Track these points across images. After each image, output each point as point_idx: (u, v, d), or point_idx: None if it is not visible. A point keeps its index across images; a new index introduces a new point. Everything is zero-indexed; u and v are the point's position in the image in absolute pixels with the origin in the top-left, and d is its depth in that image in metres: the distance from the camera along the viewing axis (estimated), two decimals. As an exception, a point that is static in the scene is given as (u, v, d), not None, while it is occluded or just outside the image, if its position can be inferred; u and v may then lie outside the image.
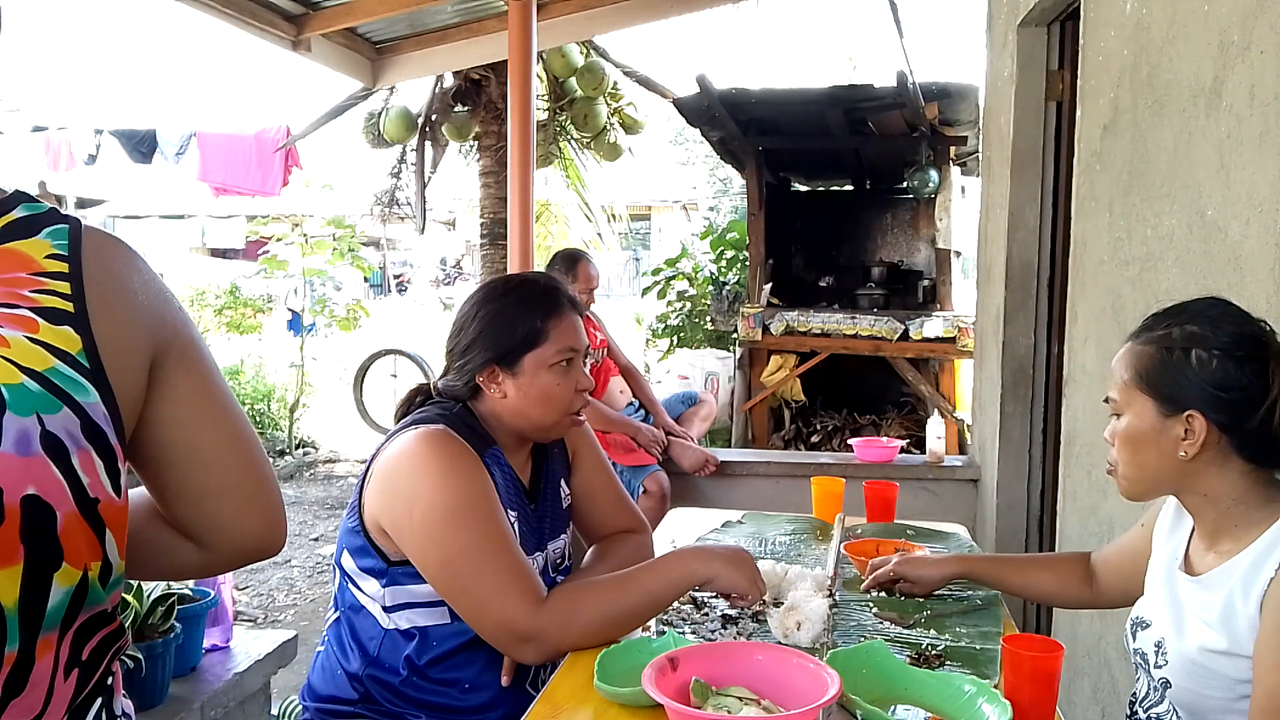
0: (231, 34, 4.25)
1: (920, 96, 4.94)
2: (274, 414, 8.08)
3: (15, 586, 0.76)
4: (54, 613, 0.80)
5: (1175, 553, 1.34)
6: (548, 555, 1.63)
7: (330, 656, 1.54)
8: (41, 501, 0.77)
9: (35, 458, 0.77)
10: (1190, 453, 1.21)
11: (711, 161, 16.12)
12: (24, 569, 0.77)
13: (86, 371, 0.81)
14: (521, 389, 1.54)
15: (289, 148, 7.34)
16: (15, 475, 0.75)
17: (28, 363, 0.78)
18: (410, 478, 1.43)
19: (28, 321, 0.79)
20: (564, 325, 1.56)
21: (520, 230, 3.89)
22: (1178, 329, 1.24)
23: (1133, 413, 1.26)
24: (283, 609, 4.34)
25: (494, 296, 1.58)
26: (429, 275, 20.31)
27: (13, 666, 0.77)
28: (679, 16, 4.79)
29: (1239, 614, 1.17)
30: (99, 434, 0.81)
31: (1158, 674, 1.28)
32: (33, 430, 0.77)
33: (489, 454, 1.53)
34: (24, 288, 0.81)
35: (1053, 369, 3.24)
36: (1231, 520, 1.24)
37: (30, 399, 0.77)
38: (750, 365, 5.70)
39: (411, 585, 1.47)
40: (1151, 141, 2.00)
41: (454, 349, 1.58)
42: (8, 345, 0.77)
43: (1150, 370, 1.24)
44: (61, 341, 0.80)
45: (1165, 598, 1.31)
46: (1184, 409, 1.21)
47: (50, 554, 0.78)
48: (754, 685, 1.20)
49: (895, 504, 2.18)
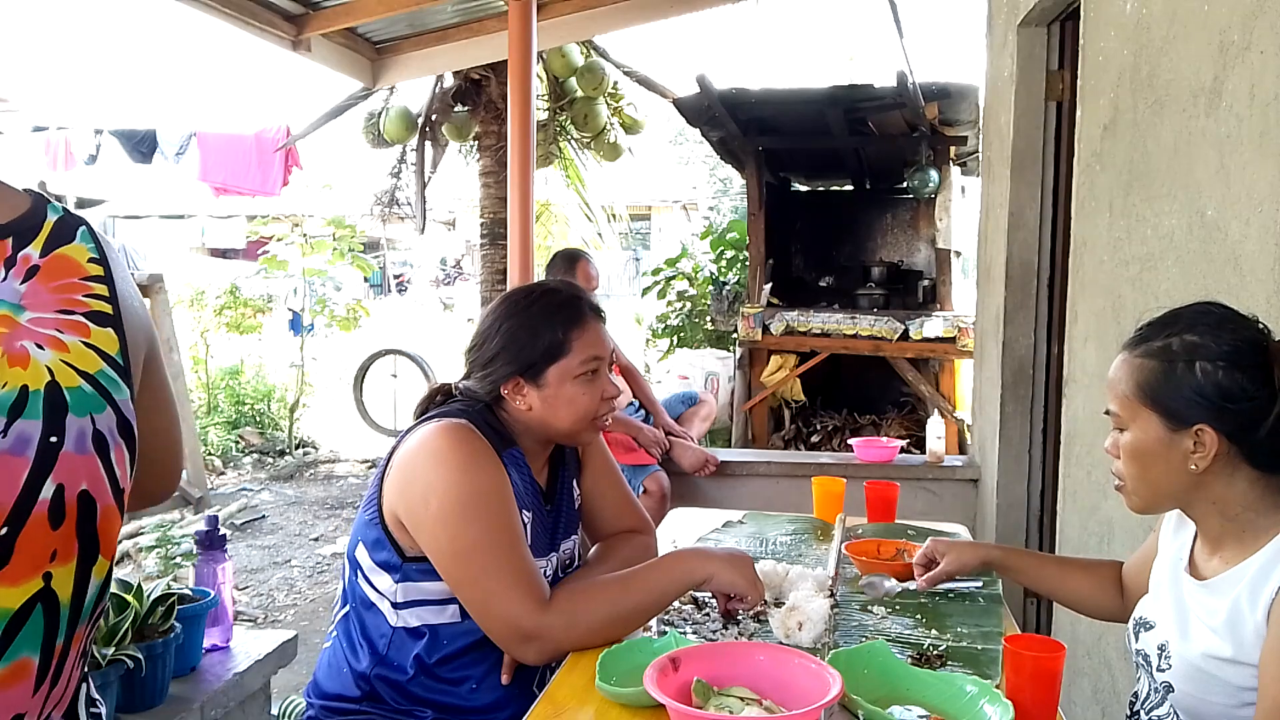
0: (231, 34, 4.25)
1: (920, 96, 4.94)
2: (274, 414, 8.08)
3: (70, 581, 0.83)
4: (89, 606, 0.85)
5: (1180, 554, 1.33)
6: (559, 556, 1.64)
7: (337, 653, 1.54)
8: (89, 496, 0.83)
9: (88, 455, 0.83)
10: (1201, 466, 1.19)
11: (711, 161, 16.11)
12: (76, 564, 0.83)
13: (121, 370, 0.87)
14: (546, 400, 1.53)
15: (289, 148, 7.35)
16: (76, 473, 0.81)
17: (84, 366, 0.84)
18: (428, 469, 1.43)
19: (81, 327, 0.85)
20: (588, 335, 1.55)
21: (520, 230, 3.89)
22: (1177, 339, 1.21)
23: (1138, 428, 1.23)
24: (283, 609, 4.34)
25: (517, 308, 1.57)
26: (429, 275, 20.30)
27: (57, 659, 0.82)
28: (679, 16, 4.79)
29: (1245, 621, 1.16)
30: (128, 429, 0.87)
31: (1160, 677, 1.27)
32: (86, 429, 0.83)
33: (508, 454, 1.53)
34: (77, 293, 0.86)
35: (1053, 369, 3.24)
36: (1238, 526, 1.22)
37: (86, 401, 0.83)
38: (750, 365, 5.70)
39: (424, 582, 1.47)
40: (1151, 141, 2.00)
41: (476, 360, 1.58)
42: (67, 350, 0.83)
43: (1153, 384, 1.21)
44: (106, 344, 0.86)
45: (1170, 601, 1.30)
46: (1192, 423, 1.18)
47: (92, 548, 0.84)
48: (755, 685, 1.20)
49: (896, 504, 2.18)
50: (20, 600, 0.78)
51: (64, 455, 0.80)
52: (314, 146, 7.90)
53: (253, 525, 5.65)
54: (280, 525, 5.70)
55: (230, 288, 8.71)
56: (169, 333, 5.70)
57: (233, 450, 7.39)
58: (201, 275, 9.79)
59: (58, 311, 0.84)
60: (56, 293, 0.84)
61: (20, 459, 0.78)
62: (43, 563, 0.80)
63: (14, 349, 0.79)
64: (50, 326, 0.83)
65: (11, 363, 0.79)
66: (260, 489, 6.54)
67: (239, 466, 7.17)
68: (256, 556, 5.08)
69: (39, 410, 0.79)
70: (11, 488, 0.77)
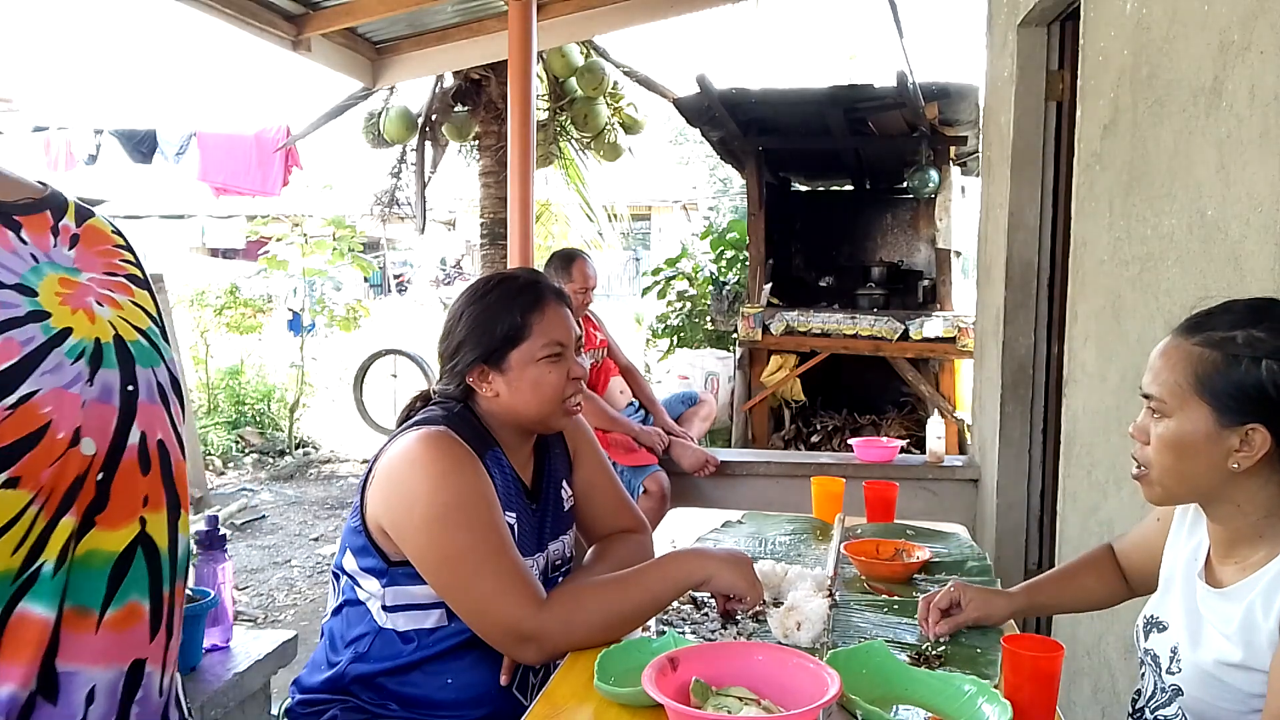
0: (231, 34, 4.25)
1: (920, 96, 4.93)
2: (274, 414, 8.08)
3: (164, 529, 0.86)
4: (183, 558, 0.89)
5: (1195, 555, 1.30)
6: (548, 556, 1.63)
7: (321, 650, 1.56)
8: (164, 446, 0.87)
9: (157, 405, 0.86)
10: (1243, 465, 1.16)
11: (711, 161, 16.11)
12: (166, 512, 0.86)
13: (163, 330, 0.91)
14: (511, 385, 1.54)
15: (289, 148, 7.34)
16: (153, 422, 0.85)
17: (137, 323, 0.88)
18: (410, 479, 1.44)
19: (126, 287, 0.90)
20: (547, 318, 1.55)
21: (520, 230, 3.89)
22: (1241, 333, 1.16)
23: (1185, 418, 1.18)
24: (283, 609, 4.34)
25: (476, 296, 1.59)
26: (429, 275, 20.30)
27: (167, 608, 0.86)
28: (679, 16, 4.79)
29: (1259, 629, 1.15)
30: (178, 386, 0.91)
31: (1169, 679, 1.26)
32: (152, 381, 0.86)
33: (490, 455, 1.53)
34: (114, 258, 0.91)
35: (1053, 369, 3.24)
36: (1256, 531, 1.20)
37: (146, 354, 0.87)
38: (750, 365, 5.70)
39: (411, 586, 1.47)
40: (1151, 141, 2.00)
41: (444, 352, 1.59)
42: (121, 308, 0.87)
43: (1212, 376, 1.16)
44: (147, 304, 0.91)
45: (1182, 605, 1.28)
46: (1245, 421, 1.15)
47: (175, 498, 0.88)
48: (754, 685, 1.20)
49: (895, 504, 2.18)
50: (122, 544, 0.82)
51: (141, 404, 0.84)
52: (314, 146, 7.90)
53: (253, 525, 5.65)
54: (280, 525, 5.70)
55: (230, 288, 8.71)
56: (169, 333, 5.69)
57: (233, 450, 7.39)
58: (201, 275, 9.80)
59: (105, 274, 0.89)
60: (100, 256, 0.89)
61: (109, 406, 0.82)
62: (137, 508, 0.83)
63: (84, 304, 0.84)
64: (104, 286, 0.87)
65: (86, 318, 0.83)
66: (260, 489, 6.54)
67: (239, 466, 7.17)
68: (256, 556, 5.08)
69: (114, 360, 0.83)
70: (105, 434, 0.81)
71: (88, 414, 0.79)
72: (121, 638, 0.82)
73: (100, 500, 0.80)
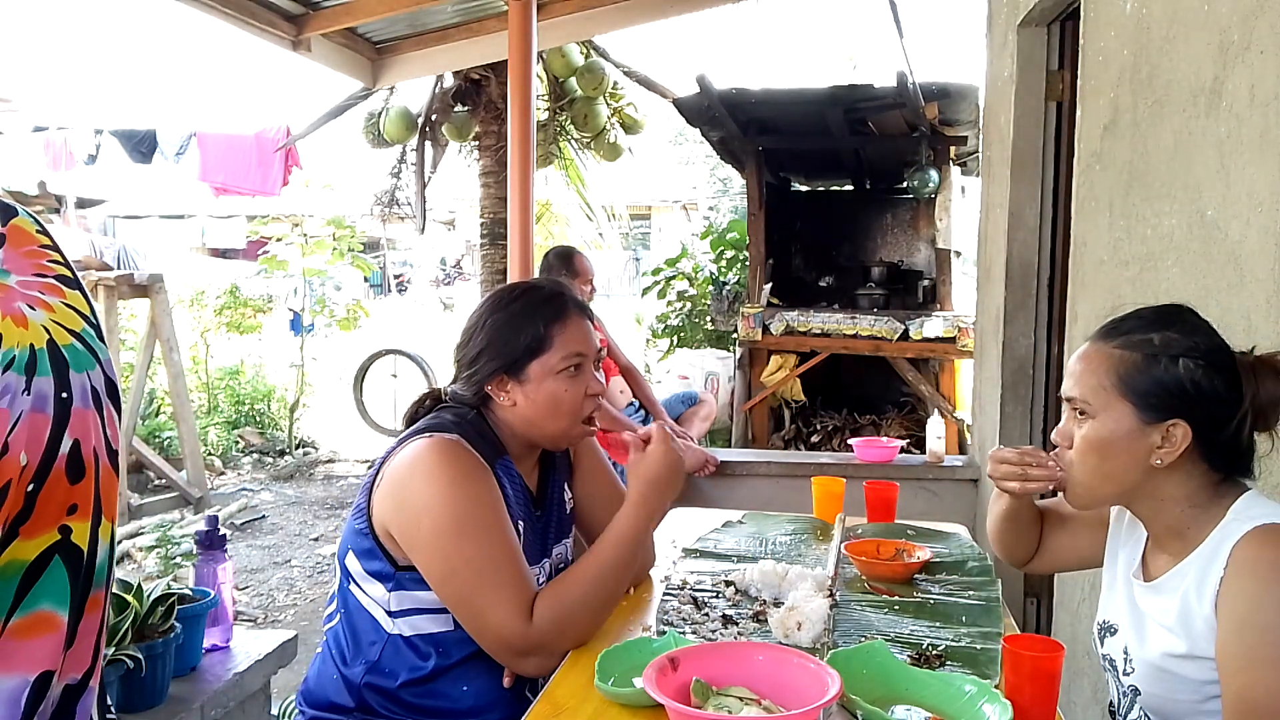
0: (231, 34, 4.26)
1: (920, 96, 4.93)
2: (274, 414, 8.08)
3: (87, 537, 0.84)
4: (101, 569, 0.86)
5: (1132, 557, 1.34)
6: (553, 561, 1.63)
7: (328, 661, 1.54)
8: (97, 455, 0.84)
9: (91, 411, 0.84)
10: (1165, 461, 1.20)
11: (711, 161, 16.10)
12: (91, 521, 0.84)
13: (98, 332, 0.88)
14: (529, 396, 1.53)
15: (289, 148, 7.35)
16: (87, 429, 0.83)
17: (70, 324, 0.85)
18: (422, 488, 1.43)
19: (56, 289, 0.86)
20: (570, 330, 1.55)
21: (520, 230, 3.89)
22: (1158, 335, 1.22)
23: (1108, 418, 1.23)
24: (283, 609, 4.34)
25: (500, 305, 1.58)
26: (429, 275, 20.30)
27: (100, 617, 0.84)
28: (679, 16, 4.79)
29: (1195, 615, 1.17)
30: (114, 389, 0.88)
31: (1126, 681, 1.29)
32: (86, 386, 0.84)
33: (500, 464, 1.53)
34: (41, 258, 0.87)
35: (1053, 369, 3.24)
36: (1182, 523, 1.23)
37: (80, 358, 0.84)
38: (750, 365, 5.70)
39: (418, 591, 1.46)
40: (1151, 141, 2.00)
41: (462, 359, 1.58)
42: (53, 310, 0.84)
43: (1134, 375, 1.21)
44: (80, 305, 0.88)
45: (1125, 606, 1.32)
46: (1166, 417, 1.19)
47: (99, 507, 0.85)
48: (754, 685, 1.20)
49: (895, 504, 2.17)
50: (35, 552, 0.79)
51: (75, 411, 0.82)
52: (314, 146, 7.90)
53: (253, 525, 5.65)
54: (280, 525, 5.70)
55: (230, 288, 8.71)
56: (169, 333, 5.70)
57: (233, 450, 7.39)
58: (201, 275, 9.80)
59: (34, 275, 0.85)
60: (27, 258, 0.86)
61: (43, 415, 0.79)
62: (60, 516, 0.81)
63: (13, 310, 0.81)
64: (34, 289, 0.84)
65: (15, 324, 0.80)
66: (260, 489, 6.54)
67: (239, 466, 7.17)
68: (256, 556, 5.08)
69: (48, 367, 0.81)
70: (38, 445, 0.79)
71: (22, 427, 0.77)
72: (27, 646, 0.79)
73: (26, 511, 0.78)
